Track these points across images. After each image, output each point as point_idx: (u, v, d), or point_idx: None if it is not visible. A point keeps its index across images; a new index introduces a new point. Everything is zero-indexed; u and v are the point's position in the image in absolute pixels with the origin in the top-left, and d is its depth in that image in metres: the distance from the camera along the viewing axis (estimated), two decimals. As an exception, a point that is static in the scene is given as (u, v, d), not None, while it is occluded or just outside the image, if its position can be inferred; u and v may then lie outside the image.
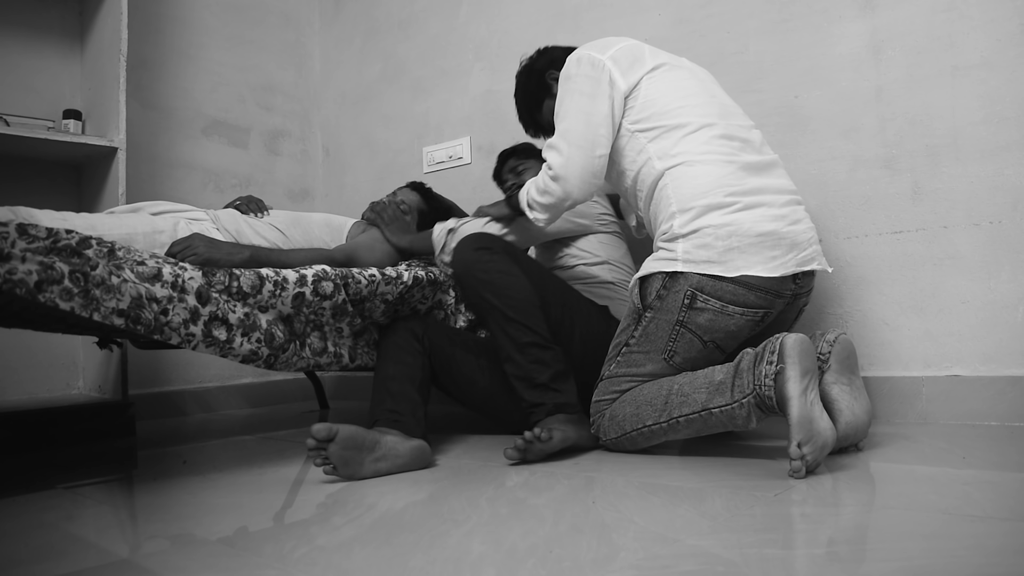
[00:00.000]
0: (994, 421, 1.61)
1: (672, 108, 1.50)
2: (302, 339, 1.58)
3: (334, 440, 1.32)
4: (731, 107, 1.57)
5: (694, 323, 1.42)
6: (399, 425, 1.48)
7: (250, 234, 1.82)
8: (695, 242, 1.40)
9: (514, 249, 1.64)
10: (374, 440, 1.38)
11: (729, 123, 1.50)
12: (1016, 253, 1.63)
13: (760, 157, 1.49)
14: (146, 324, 1.31)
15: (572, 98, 1.55)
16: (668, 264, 1.42)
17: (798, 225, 1.44)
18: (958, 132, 1.70)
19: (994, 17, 1.66)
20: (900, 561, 0.81)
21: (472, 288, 1.57)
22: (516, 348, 1.53)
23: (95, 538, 1.07)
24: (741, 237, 1.38)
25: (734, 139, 1.48)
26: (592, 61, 1.55)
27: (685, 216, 1.41)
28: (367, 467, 1.37)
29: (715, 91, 1.59)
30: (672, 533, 0.95)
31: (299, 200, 3.15)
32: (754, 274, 1.37)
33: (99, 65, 2.39)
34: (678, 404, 1.37)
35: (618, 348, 1.50)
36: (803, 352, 1.24)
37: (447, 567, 0.87)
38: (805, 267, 1.42)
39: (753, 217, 1.39)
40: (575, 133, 1.52)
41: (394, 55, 2.99)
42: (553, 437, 1.43)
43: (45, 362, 2.40)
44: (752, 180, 1.44)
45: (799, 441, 1.18)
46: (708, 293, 1.39)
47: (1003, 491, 1.11)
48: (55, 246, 1.22)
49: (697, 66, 1.67)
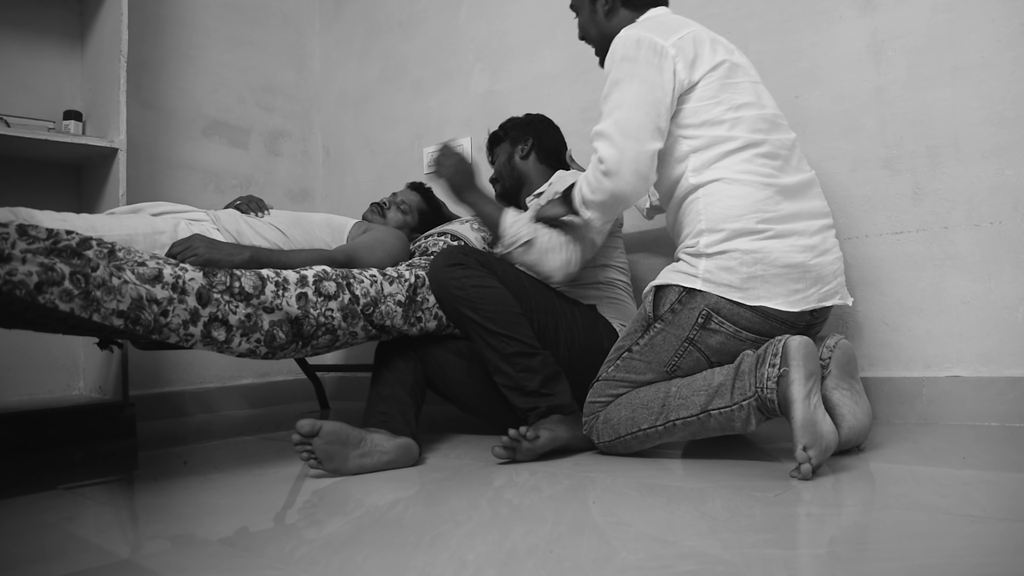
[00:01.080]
0: (994, 422, 1.61)
1: (725, 119, 1.41)
2: (307, 340, 1.57)
3: (318, 435, 1.37)
4: (779, 118, 1.48)
5: (704, 343, 1.39)
6: (387, 424, 1.52)
7: (250, 234, 1.82)
8: (719, 263, 1.35)
9: (489, 259, 1.60)
10: (359, 436, 1.42)
11: (775, 139, 1.43)
12: (1016, 254, 1.63)
13: (798, 177, 1.43)
14: (145, 325, 1.31)
15: (631, 84, 1.41)
16: (688, 280, 1.38)
17: (826, 256, 1.40)
18: (958, 132, 1.70)
19: (995, 18, 1.66)
20: (900, 561, 0.81)
21: (449, 305, 1.56)
22: (502, 359, 1.53)
23: (96, 538, 1.07)
24: (767, 266, 1.34)
25: (777, 158, 1.42)
26: (654, 46, 1.42)
27: (713, 236, 1.37)
28: (352, 462, 1.41)
29: (766, 99, 1.50)
30: (672, 533, 0.95)
31: (299, 200, 3.15)
32: (774, 307, 1.34)
33: (99, 66, 2.39)
34: (676, 407, 1.36)
35: (620, 352, 1.48)
36: (807, 355, 1.23)
37: (448, 567, 0.87)
38: (826, 302, 1.40)
39: (782, 247, 1.35)
40: (632, 123, 1.39)
41: (395, 55, 2.99)
42: (540, 436, 1.44)
43: (46, 363, 2.40)
44: (787, 205, 1.38)
45: (805, 444, 1.17)
46: (724, 316, 1.36)
47: (1003, 491, 1.11)
48: (55, 247, 1.22)
49: (750, 64, 1.57)
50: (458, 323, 1.59)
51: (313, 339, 1.57)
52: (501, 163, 2.03)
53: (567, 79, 2.42)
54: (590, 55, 1.79)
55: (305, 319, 1.54)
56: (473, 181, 1.68)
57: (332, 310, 1.59)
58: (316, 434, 1.37)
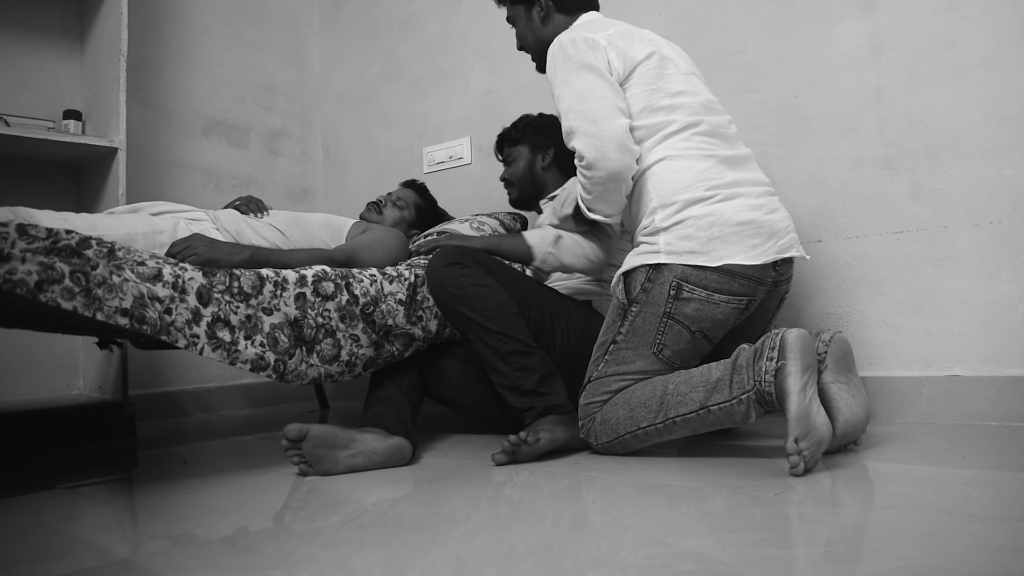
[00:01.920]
0: (994, 421, 1.61)
1: (662, 105, 1.49)
2: (310, 345, 1.55)
3: (306, 439, 1.39)
4: (713, 103, 1.56)
5: (681, 314, 1.42)
6: (381, 424, 1.53)
7: (250, 234, 1.82)
8: (677, 234, 1.41)
9: (486, 259, 1.61)
10: (348, 437, 1.44)
11: (712, 119, 1.51)
12: (1016, 253, 1.63)
13: (736, 151, 1.51)
14: (152, 324, 1.30)
15: (579, 76, 1.49)
16: (651, 257, 1.43)
17: (775, 214, 1.46)
18: (958, 132, 1.70)
19: (994, 17, 1.66)
20: (900, 560, 0.81)
21: (447, 304, 1.56)
22: (499, 358, 1.53)
23: (95, 538, 1.07)
24: (722, 227, 1.40)
25: (715, 135, 1.50)
26: (588, 41, 1.51)
27: (667, 211, 1.43)
28: (342, 463, 1.43)
29: (699, 87, 1.57)
30: (671, 533, 0.95)
31: (299, 200, 3.15)
32: (736, 262, 1.39)
33: (99, 65, 2.39)
34: (675, 404, 1.36)
35: (605, 347, 1.49)
36: (804, 348, 1.24)
37: (448, 567, 0.87)
38: (784, 254, 1.45)
39: (732, 207, 1.41)
40: (596, 110, 1.46)
41: (394, 55, 2.99)
42: (541, 439, 1.44)
43: (45, 362, 2.40)
44: (730, 174, 1.46)
45: (796, 436, 1.18)
46: (693, 283, 1.40)
47: (1003, 491, 1.11)
48: (55, 246, 1.22)
49: (682, 53, 1.64)
50: (456, 322, 1.59)
51: (315, 343, 1.56)
52: (521, 169, 2.04)
53: (567, 79, 2.41)
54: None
55: (304, 320, 1.53)
56: (469, 239, 1.81)
57: (329, 311, 1.58)
58: (304, 438, 1.39)
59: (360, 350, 1.63)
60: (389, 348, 1.69)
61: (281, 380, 1.50)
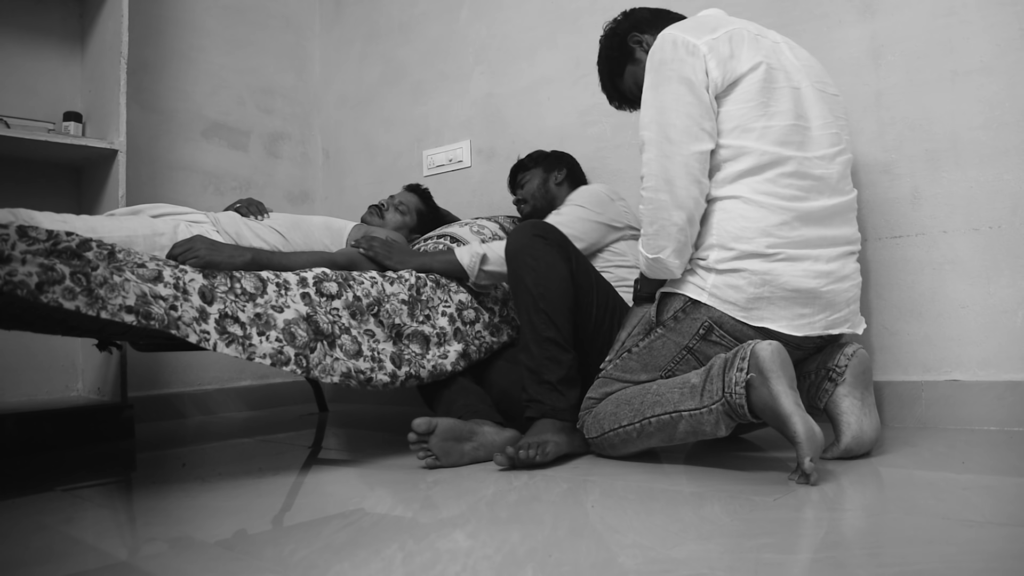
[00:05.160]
0: (993, 426, 1.61)
1: (755, 127, 1.34)
2: (331, 340, 1.53)
3: (434, 432, 1.44)
4: (817, 131, 1.40)
5: (703, 353, 1.38)
6: (479, 414, 1.60)
7: (250, 237, 1.82)
8: (727, 280, 1.33)
9: (569, 246, 1.61)
10: (470, 430, 1.50)
11: (806, 156, 1.37)
12: (1015, 258, 1.63)
13: (825, 201, 1.37)
14: (159, 319, 1.29)
15: (669, 85, 1.35)
16: (695, 291, 1.37)
17: (841, 284, 1.37)
18: (957, 137, 1.70)
19: (994, 22, 1.66)
20: (899, 566, 0.81)
21: (516, 270, 1.58)
22: (536, 340, 1.54)
23: (94, 541, 1.07)
24: (774, 288, 1.31)
25: (805, 177, 1.36)
26: (688, 46, 1.36)
27: (724, 254, 1.34)
28: (467, 455, 1.48)
29: (807, 106, 1.40)
30: (670, 538, 0.95)
31: (299, 203, 3.15)
32: (776, 329, 1.32)
33: (99, 67, 2.39)
34: (651, 404, 1.34)
35: (620, 351, 1.48)
36: (783, 363, 1.20)
37: (447, 570, 0.87)
38: (832, 330, 1.37)
39: (793, 270, 1.32)
40: (674, 127, 1.34)
41: (394, 58, 2.99)
42: (548, 453, 1.44)
43: (44, 364, 2.40)
44: (805, 230, 1.34)
45: (812, 456, 1.15)
46: (726, 330, 1.35)
47: (1002, 496, 1.11)
48: (55, 248, 1.22)
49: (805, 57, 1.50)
50: (514, 288, 1.60)
51: (335, 338, 1.53)
52: (535, 187, 2.13)
53: (567, 82, 2.42)
54: (590, 59, 1.79)
55: (316, 315, 1.52)
56: (409, 250, 1.90)
57: (338, 309, 1.57)
58: (432, 432, 1.43)
59: (379, 344, 1.61)
60: (409, 348, 1.67)
61: (307, 376, 1.47)
